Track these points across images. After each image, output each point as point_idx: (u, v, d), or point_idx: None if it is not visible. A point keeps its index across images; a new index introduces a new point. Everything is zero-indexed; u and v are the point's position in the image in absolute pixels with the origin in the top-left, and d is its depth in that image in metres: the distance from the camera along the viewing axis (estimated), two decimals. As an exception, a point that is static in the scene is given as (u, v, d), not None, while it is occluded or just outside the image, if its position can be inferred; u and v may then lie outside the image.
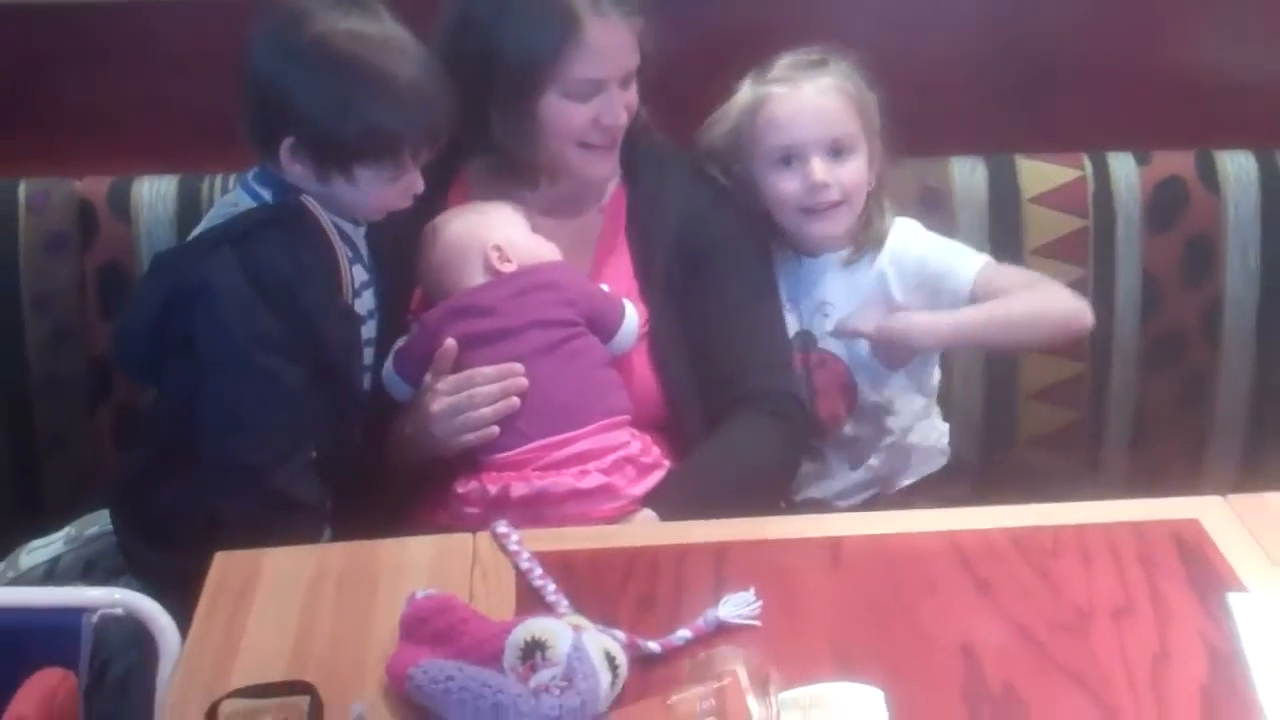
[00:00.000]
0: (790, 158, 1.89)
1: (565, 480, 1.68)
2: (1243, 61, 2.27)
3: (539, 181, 1.88)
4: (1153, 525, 1.53)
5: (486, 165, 1.89)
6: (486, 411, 1.71)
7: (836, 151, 1.89)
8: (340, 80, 1.64)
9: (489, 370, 1.72)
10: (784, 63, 1.92)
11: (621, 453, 1.72)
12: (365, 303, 1.76)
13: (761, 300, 1.90)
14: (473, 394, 1.72)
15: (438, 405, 1.73)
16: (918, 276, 1.93)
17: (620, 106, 1.82)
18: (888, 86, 1.98)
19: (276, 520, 1.63)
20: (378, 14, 1.70)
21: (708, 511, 1.61)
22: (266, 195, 1.71)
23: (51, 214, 2.11)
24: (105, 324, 2.11)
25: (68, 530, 1.96)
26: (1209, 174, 2.20)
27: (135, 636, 1.52)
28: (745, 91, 1.93)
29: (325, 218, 1.71)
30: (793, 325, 1.94)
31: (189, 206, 2.11)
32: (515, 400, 1.71)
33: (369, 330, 1.78)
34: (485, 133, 1.83)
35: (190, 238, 1.77)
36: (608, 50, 1.79)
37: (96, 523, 1.95)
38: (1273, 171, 2.20)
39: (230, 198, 1.78)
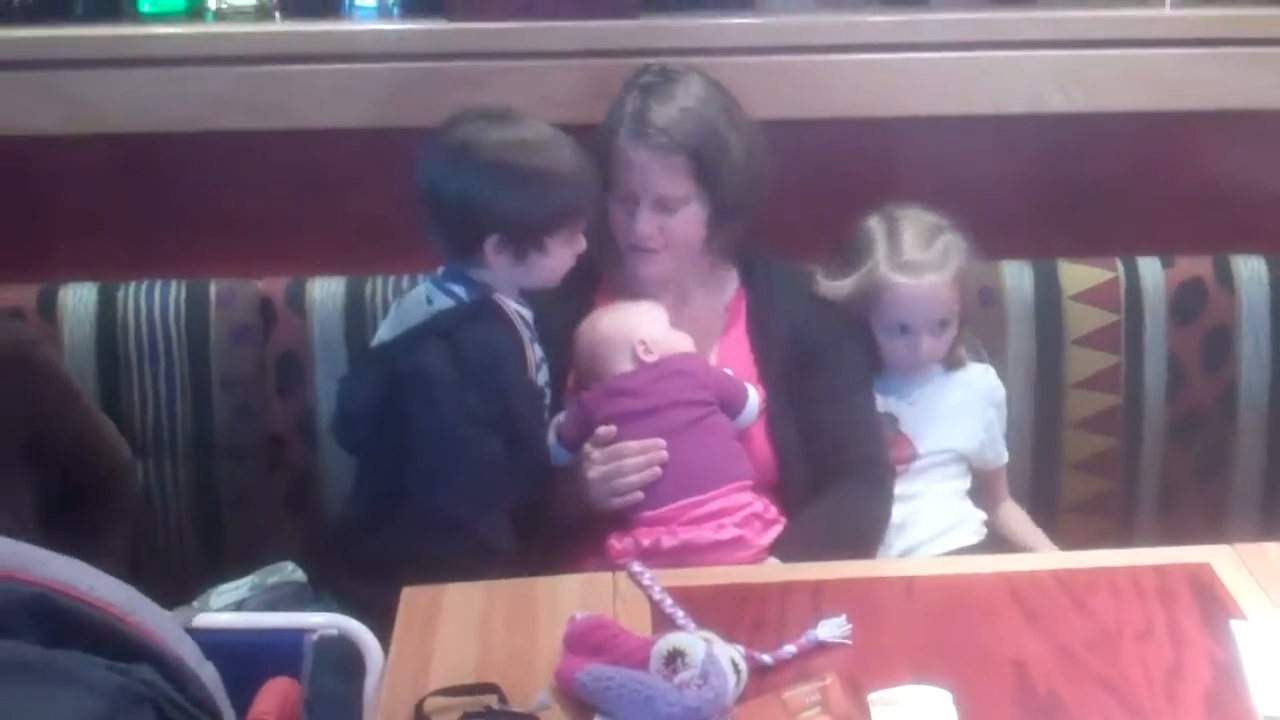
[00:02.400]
0: (906, 329, 2.19)
1: (706, 534, 1.95)
2: (1254, 178, 2.48)
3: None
4: (1171, 568, 1.78)
5: (619, 271, 2.17)
6: (633, 479, 1.98)
7: (942, 324, 2.20)
8: (528, 182, 1.93)
9: (636, 444, 2.00)
10: (910, 242, 2.18)
11: (749, 510, 2.00)
12: (542, 377, 2.03)
13: (860, 389, 2.18)
14: (622, 464, 1.99)
15: (594, 472, 2.00)
16: (990, 424, 2.26)
17: (643, 224, 2.04)
18: (953, 199, 2.25)
19: (476, 564, 1.85)
20: (520, 119, 2.00)
21: (819, 560, 1.88)
22: (461, 292, 1.98)
23: (237, 309, 2.34)
24: (281, 402, 2.35)
25: (251, 578, 2.15)
26: (1225, 276, 2.41)
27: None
28: (880, 265, 2.17)
29: (511, 308, 1.99)
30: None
31: (355, 303, 2.34)
32: (658, 469, 1.98)
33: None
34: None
35: (397, 334, 2.01)
36: (634, 171, 2.03)
37: (277, 573, 2.15)
38: None
39: (417, 296, 2.03)
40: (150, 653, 1.24)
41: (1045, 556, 1.86)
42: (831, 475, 2.11)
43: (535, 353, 2.03)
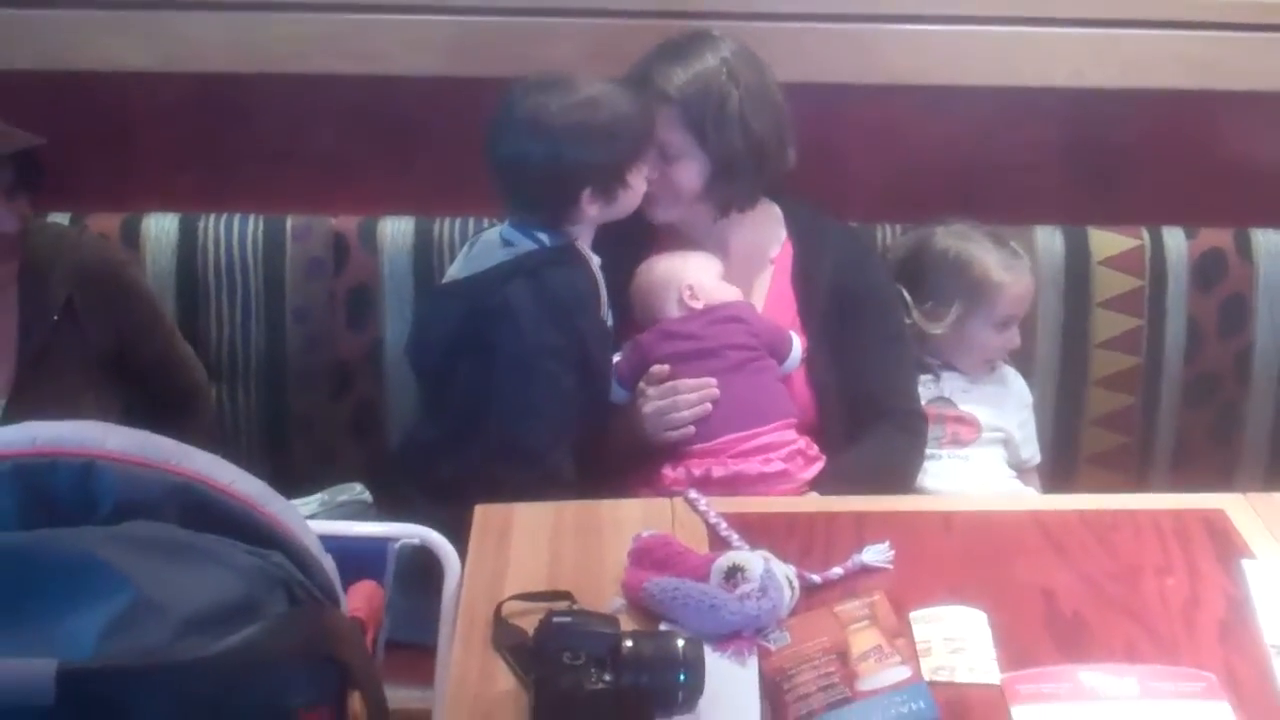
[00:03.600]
0: (1009, 322, 2.36)
1: (754, 465, 2.08)
2: (1276, 156, 2.59)
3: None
4: (1188, 513, 1.89)
5: (671, 226, 2.29)
6: (686, 414, 2.10)
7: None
8: (603, 133, 2.05)
9: (690, 382, 2.11)
10: (1000, 248, 2.37)
11: (793, 446, 2.13)
12: (609, 319, 2.16)
13: (897, 339, 2.30)
14: (676, 400, 2.11)
15: (650, 408, 2.12)
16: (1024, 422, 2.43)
17: (648, 170, 2.13)
18: (991, 166, 2.38)
19: (545, 490, 1.94)
20: (569, 80, 2.10)
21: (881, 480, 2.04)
22: (544, 238, 2.11)
23: (312, 244, 2.45)
24: (350, 333, 2.46)
25: (321, 496, 2.31)
26: (1245, 247, 2.53)
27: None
28: (991, 271, 2.34)
29: (589, 254, 2.12)
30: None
31: (424, 241, 2.45)
32: (709, 406, 2.10)
33: None
34: None
35: (476, 271, 2.12)
36: (650, 125, 2.13)
37: (345, 492, 2.32)
38: None
39: (490, 238, 2.17)
40: (282, 542, 1.33)
41: (1072, 497, 1.99)
42: (868, 420, 2.24)
43: (605, 296, 2.15)
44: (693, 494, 1.93)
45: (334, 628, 1.28)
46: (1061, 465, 2.56)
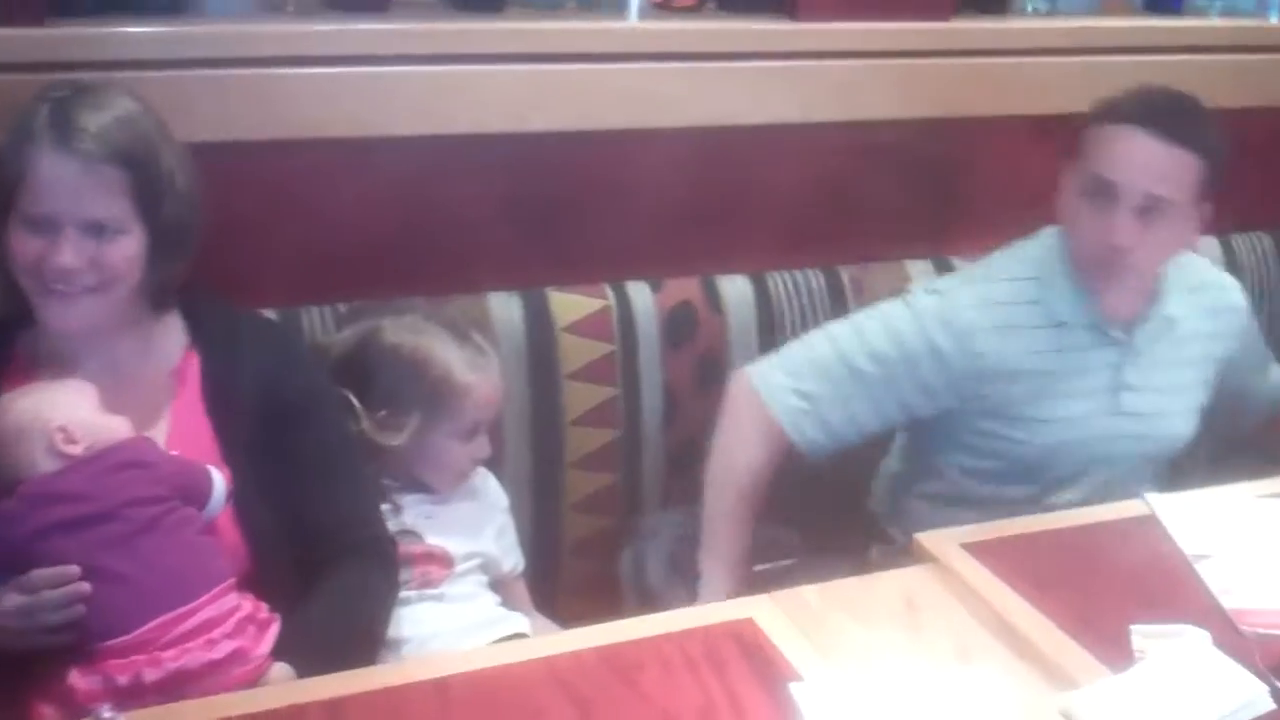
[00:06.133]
0: (476, 428, 2.04)
1: (198, 654, 1.61)
2: (732, 193, 2.43)
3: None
4: (716, 629, 1.67)
5: (33, 336, 1.79)
6: (55, 617, 1.60)
7: None
8: None
9: (48, 573, 1.60)
10: (450, 329, 2.03)
11: (240, 614, 1.67)
12: None
13: (343, 454, 1.90)
14: (40, 597, 1.60)
15: (10, 604, 1.61)
16: (501, 529, 2.13)
17: (69, 255, 1.68)
18: (433, 225, 2.13)
19: None
20: None
21: (333, 654, 1.65)
22: None
23: None
24: None
25: None
26: (713, 296, 2.35)
27: None
28: (452, 360, 2.00)
29: None
30: None
31: None
32: (80, 608, 1.60)
33: None
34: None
35: None
36: (59, 188, 1.68)
37: None
38: (764, 291, 2.38)
39: None
40: None
41: (586, 631, 1.68)
42: (325, 558, 1.83)
43: None
44: (106, 713, 1.46)
45: None
46: (545, 562, 2.29)
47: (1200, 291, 2.23)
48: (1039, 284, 2.12)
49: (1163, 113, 2.00)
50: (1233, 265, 2.71)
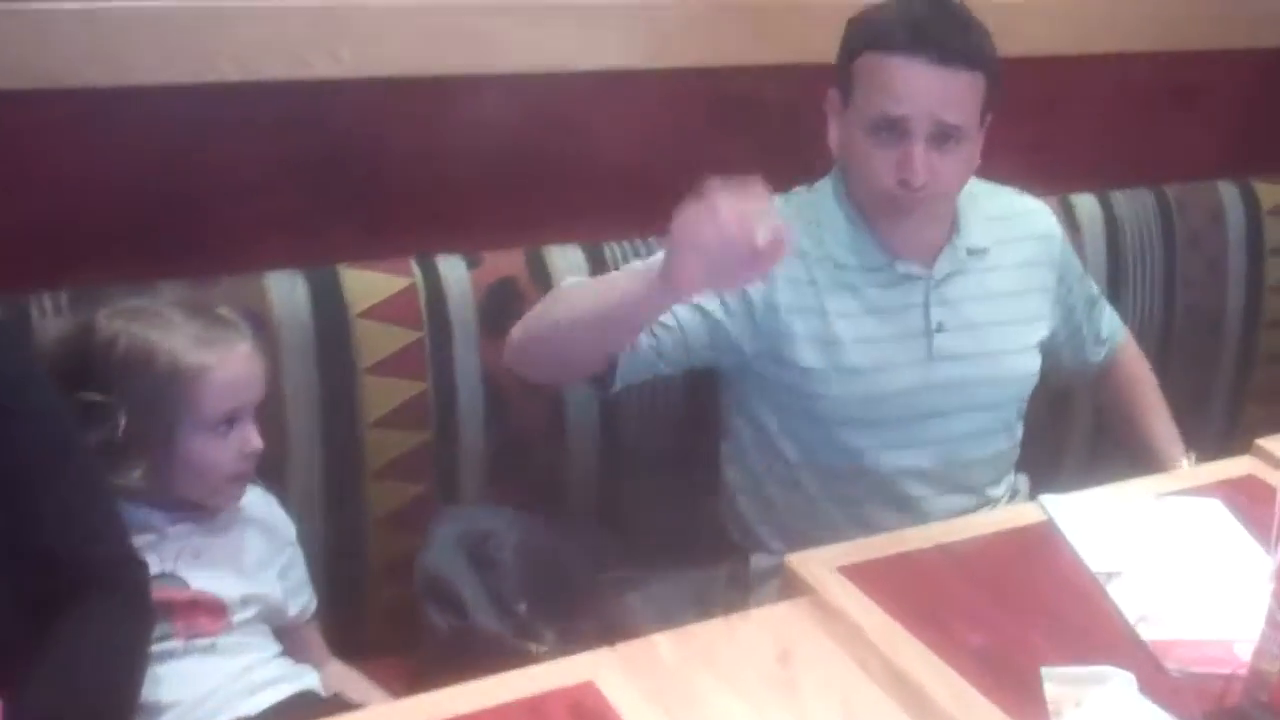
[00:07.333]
0: (234, 416, 1.72)
1: None
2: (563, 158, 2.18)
3: None
4: (551, 697, 1.38)
5: None
6: None
7: None
8: None
9: None
10: (179, 307, 1.71)
11: None
12: None
13: (68, 466, 1.55)
14: None
15: None
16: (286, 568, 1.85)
17: None
18: (208, 196, 1.78)
19: None
20: None
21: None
22: None
23: None
24: None
25: None
26: (539, 270, 2.06)
27: None
28: (178, 343, 1.66)
29: None
30: None
31: None
32: None
33: None
34: None
35: None
36: None
37: None
38: (600, 264, 2.10)
39: None
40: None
41: (388, 709, 1.37)
42: (57, 599, 1.49)
43: None
44: None
45: None
46: (344, 591, 1.98)
47: (1007, 220, 2.07)
48: (818, 226, 1.96)
49: (937, 35, 1.85)
50: (1113, 222, 2.52)
